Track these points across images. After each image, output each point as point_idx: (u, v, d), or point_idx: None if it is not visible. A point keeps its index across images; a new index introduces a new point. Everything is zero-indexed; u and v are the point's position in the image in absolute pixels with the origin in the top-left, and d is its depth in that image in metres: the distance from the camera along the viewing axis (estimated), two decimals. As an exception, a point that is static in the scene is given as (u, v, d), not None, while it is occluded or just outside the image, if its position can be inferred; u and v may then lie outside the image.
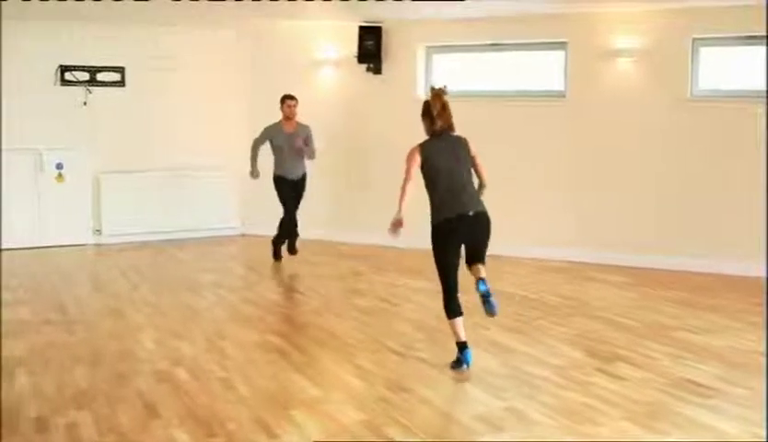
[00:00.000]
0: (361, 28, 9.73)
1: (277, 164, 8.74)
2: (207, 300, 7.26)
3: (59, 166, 9.93)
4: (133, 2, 8.07)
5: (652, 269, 8.49)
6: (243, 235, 10.59)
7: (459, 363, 5.26)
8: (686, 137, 8.51)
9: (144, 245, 9.99)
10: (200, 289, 7.70)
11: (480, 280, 5.17)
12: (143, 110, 10.18)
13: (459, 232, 5.23)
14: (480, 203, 5.34)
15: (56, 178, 9.95)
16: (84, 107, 9.94)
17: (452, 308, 5.24)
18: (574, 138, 9.07)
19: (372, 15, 9.43)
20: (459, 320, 5.26)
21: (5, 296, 7.41)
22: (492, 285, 5.19)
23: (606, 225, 8.95)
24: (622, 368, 5.29)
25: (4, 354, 5.60)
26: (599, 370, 5.25)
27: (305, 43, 10.34)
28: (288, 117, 8.72)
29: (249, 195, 10.39)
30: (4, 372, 5.19)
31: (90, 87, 9.99)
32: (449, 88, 5.49)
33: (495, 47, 9.55)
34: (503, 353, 5.66)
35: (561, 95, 9.17)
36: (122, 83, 10.19)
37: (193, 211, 10.23)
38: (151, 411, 4.53)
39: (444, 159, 5.31)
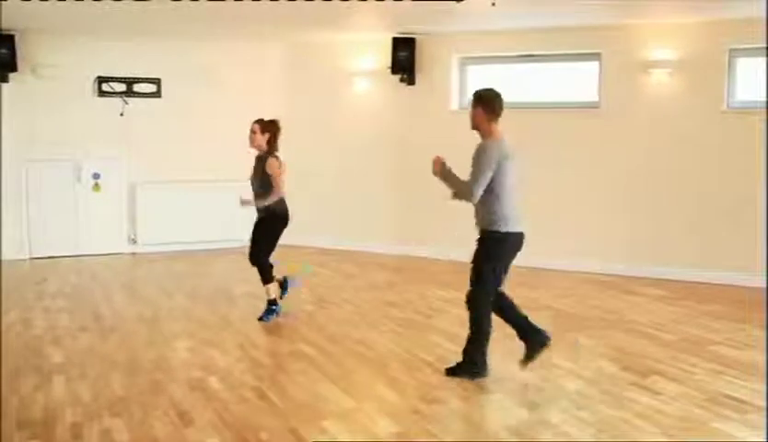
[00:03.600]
0: (395, 39, 9.76)
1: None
2: (241, 310, 7.29)
3: (96, 176, 10.07)
4: (168, 16, 8.17)
5: (690, 282, 8.39)
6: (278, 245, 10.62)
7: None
8: (723, 149, 8.41)
9: (179, 254, 10.08)
10: (233, 299, 7.74)
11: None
12: (178, 120, 10.28)
13: None
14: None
15: (93, 187, 10.09)
16: (121, 118, 10.07)
17: None
18: (609, 150, 9.00)
19: (406, 26, 9.45)
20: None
21: (46, 302, 7.55)
22: (530, 298, 5.16)
23: (644, 238, 8.86)
24: (659, 383, 5.23)
25: (44, 360, 5.70)
26: (636, 384, 5.19)
27: (340, 55, 10.40)
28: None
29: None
30: (43, 378, 5.28)
31: (127, 98, 10.12)
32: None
33: (529, 58, 9.51)
34: (538, 365, 5.60)
35: (595, 106, 9.11)
36: (158, 94, 10.31)
37: (228, 221, 10.29)
38: (184, 419, 4.56)
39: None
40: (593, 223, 9.13)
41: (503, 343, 6.07)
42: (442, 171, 5.25)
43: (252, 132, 6.88)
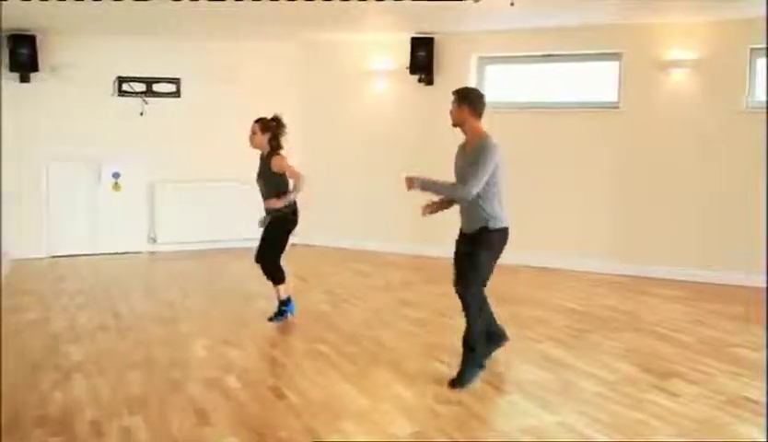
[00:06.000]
0: (413, 39, 9.76)
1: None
2: (258, 309, 7.30)
3: (116, 175, 10.14)
4: (188, 15, 8.21)
5: (707, 283, 8.34)
6: (294, 245, 10.64)
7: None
8: (743, 149, 8.33)
9: (197, 253, 10.13)
10: (251, 298, 7.76)
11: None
12: (197, 120, 10.32)
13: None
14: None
15: (113, 187, 10.15)
16: (140, 117, 10.13)
17: None
18: (628, 150, 8.96)
19: (424, 26, 9.45)
20: None
21: (65, 301, 7.61)
22: (545, 299, 5.14)
23: (661, 238, 8.82)
24: (677, 384, 5.20)
25: (63, 358, 5.75)
26: (654, 386, 5.16)
27: (358, 55, 10.40)
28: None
29: (300, 206, 10.50)
30: (62, 375, 5.32)
31: (147, 98, 10.18)
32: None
33: (548, 58, 9.48)
34: (555, 367, 5.61)
35: (615, 106, 9.07)
36: (177, 94, 10.37)
37: (246, 220, 10.30)
38: (202, 418, 4.58)
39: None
40: (611, 223, 9.09)
41: (518, 343, 6.08)
42: (421, 185, 5.31)
43: (252, 132, 6.71)
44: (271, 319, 6.82)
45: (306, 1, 7.26)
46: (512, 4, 6.71)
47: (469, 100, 5.23)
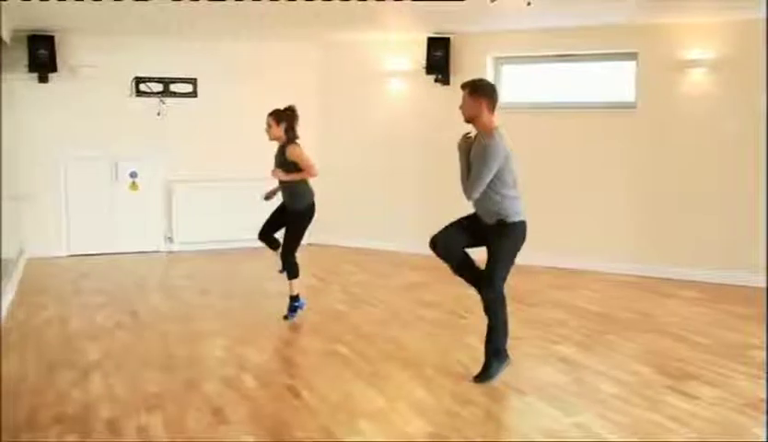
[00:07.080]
0: (430, 39, 9.75)
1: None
2: (275, 308, 7.30)
3: (133, 174, 10.18)
4: (205, 15, 8.23)
5: (726, 285, 8.27)
6: (310, 244, 10.66)
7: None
8: (762, 150, 8.27)
9: (214, 253, 10.15)
10: (268, 297, 7.77)
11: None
12: (214, 120, 10.35)
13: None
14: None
15: (130, 186, 10.20)
16: (158, 117, 10.18)
17: None
18: (645, 150, 8.91)
19: (441, 26, 9.44)
20: None
21: (83, 299, 7.65)
22: (563, 300, 5.11)
23: (679, 239, 8.74)
24: (695, 387, 5.16)
25: (81, 356, 5.78)
26: (671, 388, 5.13)
27: (374, 55, 10.41)
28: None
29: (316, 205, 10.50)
30: (80, 373, 5.36)
31: (164, 98, 10.23)
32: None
33: (565, 58, 9.44)
34: (572, 368, 5.58)
35: (631, 106, 9.02)
36: (194, 94, 10.40)
37: (263, 220, 10.36)
38: (219, 416, 4.59)
39: None
40: (626, 224, 9.04)
41: (536, 345, 6.06)
42: (465, 146, 5.26)
43: (268, 125, 6.79)
44: (286, 318, 6.84)
45: (323, 1, 7.25)
46: (529, 3, 6.67)
47: (485, 93, 5.12)
